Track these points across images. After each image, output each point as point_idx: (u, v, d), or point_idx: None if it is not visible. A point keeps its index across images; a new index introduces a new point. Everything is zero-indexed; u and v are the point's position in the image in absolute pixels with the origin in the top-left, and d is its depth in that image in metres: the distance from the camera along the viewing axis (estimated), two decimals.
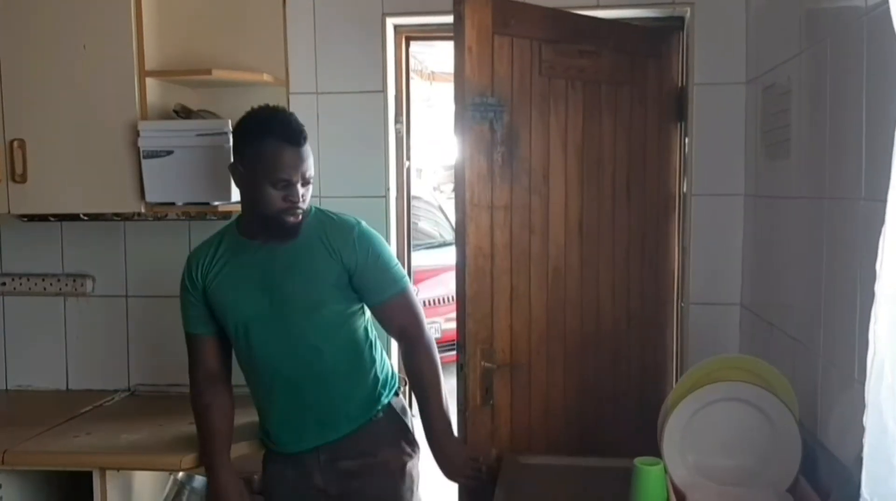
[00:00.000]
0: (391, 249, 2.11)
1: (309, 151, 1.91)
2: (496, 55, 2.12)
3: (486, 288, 2.13)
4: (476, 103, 2.08)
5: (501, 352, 2.17)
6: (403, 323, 2.00)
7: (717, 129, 2.40)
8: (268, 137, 1.84)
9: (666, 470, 1.62)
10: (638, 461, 1.61)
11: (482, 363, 2.12)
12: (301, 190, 1.88)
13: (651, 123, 2.47)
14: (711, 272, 2.43)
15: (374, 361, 2.03)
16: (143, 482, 2.23)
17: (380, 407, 2.02)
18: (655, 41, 2.47)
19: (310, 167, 1.90)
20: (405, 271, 2.07)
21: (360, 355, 2.01)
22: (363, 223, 1.99)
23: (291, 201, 1.86)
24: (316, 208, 2.01)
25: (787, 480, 1.66)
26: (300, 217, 1.90)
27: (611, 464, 1.99)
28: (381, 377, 2.05)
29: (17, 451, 2.09)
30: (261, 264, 1.95)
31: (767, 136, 2.15)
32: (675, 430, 1.69)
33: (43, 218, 2.62)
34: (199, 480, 2.16)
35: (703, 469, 1.70)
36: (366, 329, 2.02)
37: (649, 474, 1.58)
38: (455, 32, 2.05)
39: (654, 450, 1.73)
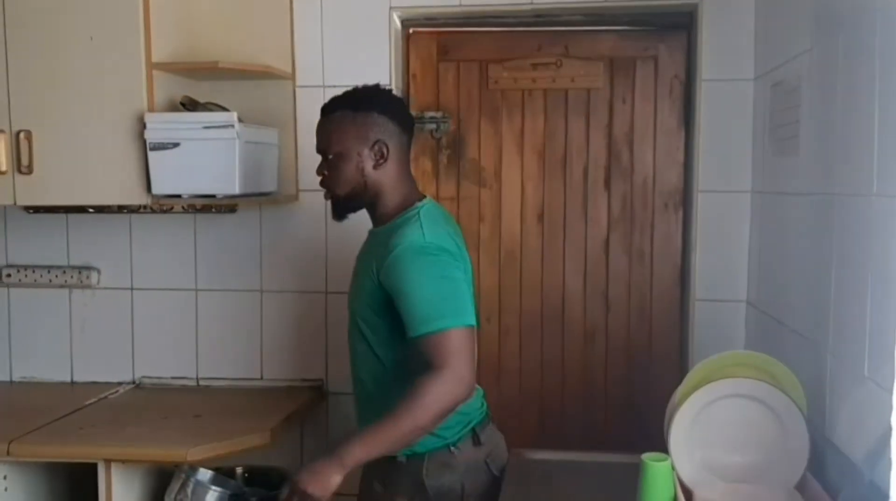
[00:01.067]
0: (451, 276, 1.73)
1: (329, 123, 1.82)
2: (441, 77, 2.56)
3: None
4: (416, 117, 2.27)
5: None
6: (428, 361, 1.66)
7: (725, 125, 2.39)
8: None
9: (673, 467, 1.61)
10: (645, 456, 1.60)
11: None
12: (324, 165, 1.83)
13: (644, 119, 2.51)
14: (717, 269, 2.43)
15: None
16: (149, 474, 2.23)
17: (410, 451, 1.77)
18: (653, 39, 2.50)
19: (331, 142, 1.79)
20: (461, 309, 1.69)
21: (392, 389, 1.72)
22: (417, 245, 1.70)
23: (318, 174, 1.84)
24: (419, 209, 1.79)
25: (794, 477, 1.65)
26: (326, 197, 1.86)
27: (616, 460, 1.99)
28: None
29: (22, 442, 2.09)
30: (362, 252, 1.91)
31: (776, 132, 2.14)
32: (683, 426, 1.69)
33: (49, 210, 2.62)
34: (205, 473, 2.16)
35: (711, 466, 1.69)
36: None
37: (657, 470, 1.57)
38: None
39: (635, 437, 1.72)
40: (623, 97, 2.51)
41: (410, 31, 2.58)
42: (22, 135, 2.28)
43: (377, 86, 1.88)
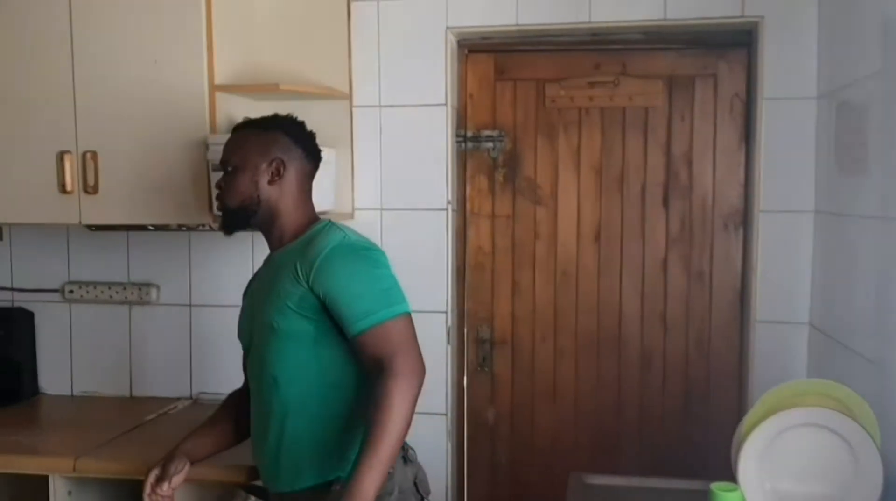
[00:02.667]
0: (382, 271, 1.75)
1: (236, 139, 1.86)
2: (498, 96, 2.59)
3: (486, 279, 2.62)
4: (472, 136, 2.60)
5: (501, 331, 2.64)
6: (374, 358, 1.65)
7: (786, 144, 2.35)
8: None
9: (743, 497, 1.59)
10: (715, 486, 1.58)
11: (478, 335, 2.63)
12: (221, 178, 1.85)
13: (704, 138, 2.49)
14: (778, 290, 2.38)
15: (355, 416, 1.73)
16: (209, 492, 2.25)
17: (347, 473, 1.65)
18: (712, 57, 2.48)
19: (232, 155, 1.83)
20: (398, 298, 1.71)
21: (335, 398, 1.74)
22: (344, 245, 1.74)
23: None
24: (330, 222, 1.84)
25: None
26: (217, 209, 1.87)
27: (677, 486, 1.97)
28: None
29: (88, 458, 2.12)
30: (259, 278, 1.92)
31: (842, 152, 2.10)
32: (752, 455, 1.66)
33: (110, 227, 2.67)
34: (262, 491, 2.17)
35: (781, 496, 1.66)
36: (354, 374, 1.75)
37: (727, 499, 1.55)
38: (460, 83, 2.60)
39: (691, 461, 1.69)
40: (682, 115, 2.48)
41: (467, 51, 2.58)
42: (88, 155, 2.33)
43: (290, 115, 1.91)
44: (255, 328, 1.84)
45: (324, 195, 2.42)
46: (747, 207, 2.47)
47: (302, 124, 1.91)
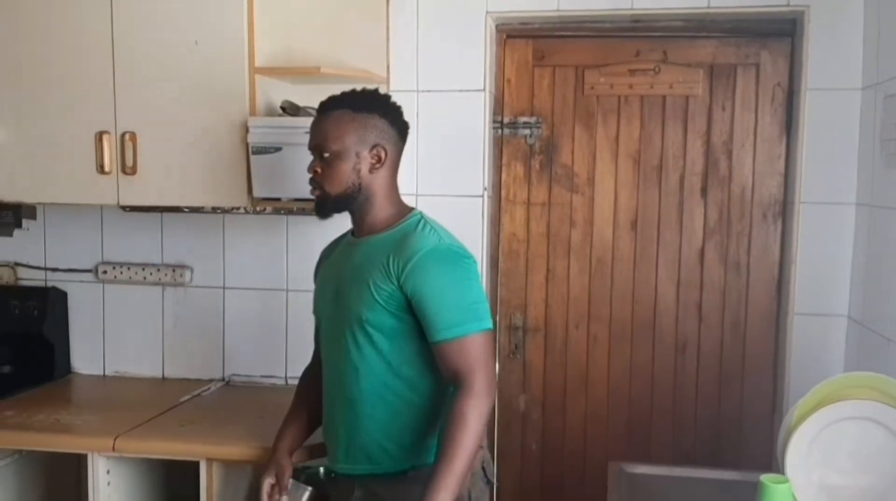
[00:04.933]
0: (473, 283, 1.74)
1: (330, 122, 1.77)
2: (536, 82, 2.56)
3: (520, 267, 2.61)
4: (509, 122, 2.58)
5: (534, 319, 2.63)
6: (453, 368, 1.68)
7: (829, 135, 2.33)
8: None
9: (792, 489, 1.58)
10: (765, 478, 1.57)
11: (511, 322, 2.62)
12: (317, 163, 1.79)
13: (744, 127, 2.46)
14: (817, 282, 2.37)
15: (434, 405, 1.77)
16: (246, 473, 2.26)
17: (420, 463, 1.74)
18: (755, 46, 2.45)
19: (329, 139, 1.75)
20: (483, 313, 1.71)
21: (411, 390, 1.76)
22: (440, 249, 1.72)
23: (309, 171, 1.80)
24: (421, 215, 1.82)
25: None
26: (313, 193, 1.81)
27: (719, 476, 1.97)
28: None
29: (127, 438, 2.14)
30: (342, 261, 1.86)
31: (888, 145, 2.08)
32: (801, 447, 1.65)
33: (144, 209, 2.67)
34: (304, 474, 2.18)
35: (828, 489, 1.66)
36: (431, 370, 1.75)
37: (777, 491, 1.55)
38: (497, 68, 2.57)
39: (725, 452, 1.69)
40: (723, 104, 2.46)
41: (505, 36, 2.56)
42: (127, 136, 2.32)
43: (377, 90, 1.85)
44: (338, 313, 1.81)
45: None
46: (787, 198, 2.45)
47: (391, 101, 1.85)
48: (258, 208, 2.56)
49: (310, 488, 2.15)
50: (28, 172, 2.40)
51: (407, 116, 2.54)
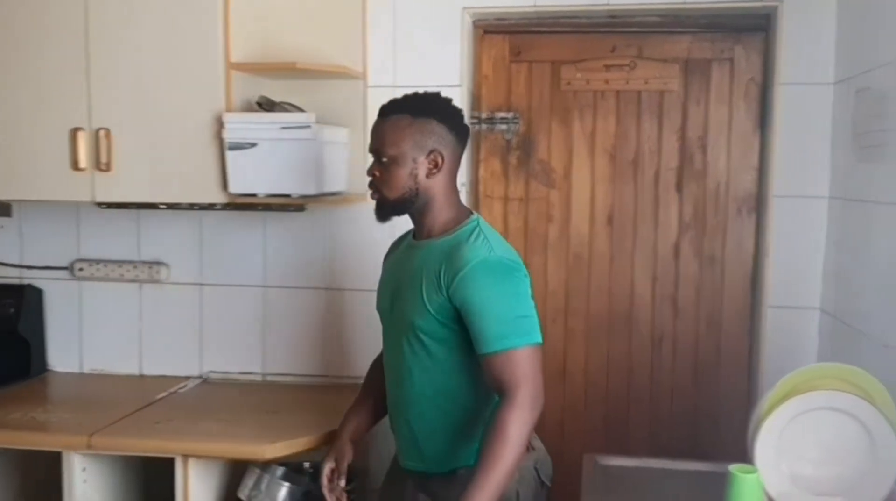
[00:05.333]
0: (522, 296, 1.75)
1: (388, 127, 1.78)
2: (513, 78, 2.56)
3: None
4: (486, 118, 2.57)
5: None
6: (498, 380, 1.69)
7: (802, 129, 2.35)
8: None
9: (760, 479, 1.60)
10: (733, 468, 1.59)
11: None
12: (376, 166, 1.80)
13: (719, 122, 2.48)
14: (791, 275, 2.39)
15: (486, 407, 1.78)
16: (222, 470, 2.26)
17: (471, 463, 1.73)
18: (729, 41, 2.47)
19: (386, 144, 1.77)
20: (531, 327, 1.72)
21: (462, 394, 1.79)
22: (490, 260, 1.71)
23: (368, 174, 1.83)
24: (478, 221, 1.81)
25: (882, 492, 1.63)
26: (373, 197, 1.83)
27: (692, 468, 1.98)
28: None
29: (103, 435, 2.13)
30: (401, 263, 1.89)
31: (860, 139, 2.10)
32: (770, 437, 1.67)
33: (120, 205, 2.64)
34: (278, 469, 2.18)
35: (797, 479, 1.67)
36: (481, 376, 1.75)
37: (746, 482, 1.56)
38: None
39: (701, 444, 1.71)
40: (697, 100, 2.48)
41: (482, 32, 2.56)
42: (101, 132, 2.31)
43: (438, 94, 1.86)
44: (395, 316, 1.85)
45: (337, 176, 2.42)
46: (761, 192, 2.47)
47: (451, 105, 1.85)
48: (235, 205, 2.55)
49: (287, 484, 2.16)
50: (2, 169, 2.39)
51: None
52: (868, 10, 2.08)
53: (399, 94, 2.47)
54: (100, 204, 2.65)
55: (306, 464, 2.41)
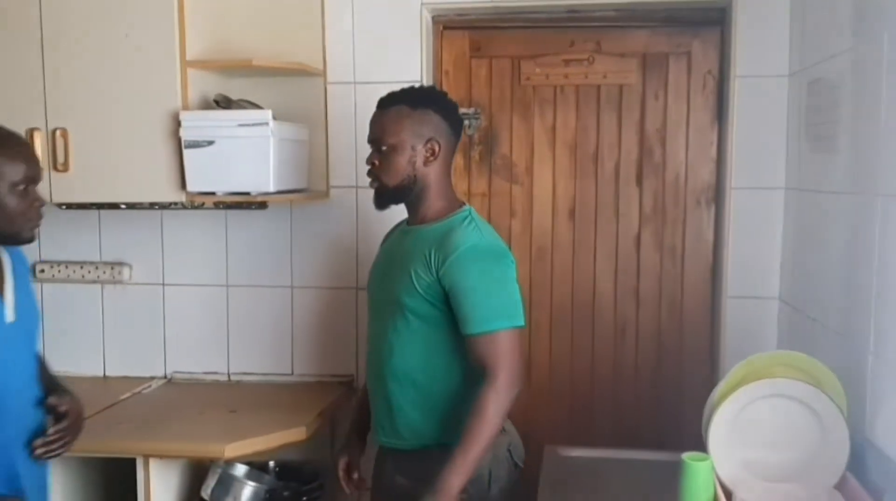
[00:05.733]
0: (508, 281, 1.83)
1: (387, 117, 1.86)
2: (473, 73, 2.58)
3: None
4: None
5: None
6: (480, 360, 1.77)
7: (758, 121, 2.38)
8: None
9: (713, 466, 1.62)
10: (686, 456, 1.60)
11: None
12: (375, 155, 1.87)
13: (677, 116, 2.51)
14: (749, 266, 2.42)
15: (463, 390, 1.83)
16: (185, 469, 2.25)
17: (447, 442, 1.78)
18: (686, 35, 2.49)
19: (386, 133, 1.84)
20: (515, 312, 1.80)
21: (441, 374, 1.85)
22: (479, 246, 1.80)
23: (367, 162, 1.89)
24: (470, 212, 1.89)
25: (834, 477, 1.65)
26: (372, 185, 1.90)
27: (650, 457, 2.01)
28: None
29: None
30: (394, 246, 1.97)
31: (813, 130, 2.13)
32: (722, 425, 1.69)
33: (81, 206, 2.63)
34: (240, 468, 2.18)
35: (750, 465, 1.69)
36: (462, 356, 1.83)
37: (698, 469, 1.58)
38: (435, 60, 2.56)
39: (665, 433, 1.73)
40: (656, 93, 2.50)
41: (442, 28, 2.57)
42: (58, 132, 2.30)
43: (434, 87, 1.94)
44: (382, 294, 1.93)
45: (298, 173, 2.42)
46: (719, 184, 2.49)
47: (447, 98, 1.94)
48: (196, 203, 2.54)
49: (250, 483, 2.16)
50: None
51: (344, 109, 2.56)
52: (820, 3, 2.11)
53: (359, 91, 2.52)
54: (60, 205, 2.63)
55: (271, 463, 2.42)
